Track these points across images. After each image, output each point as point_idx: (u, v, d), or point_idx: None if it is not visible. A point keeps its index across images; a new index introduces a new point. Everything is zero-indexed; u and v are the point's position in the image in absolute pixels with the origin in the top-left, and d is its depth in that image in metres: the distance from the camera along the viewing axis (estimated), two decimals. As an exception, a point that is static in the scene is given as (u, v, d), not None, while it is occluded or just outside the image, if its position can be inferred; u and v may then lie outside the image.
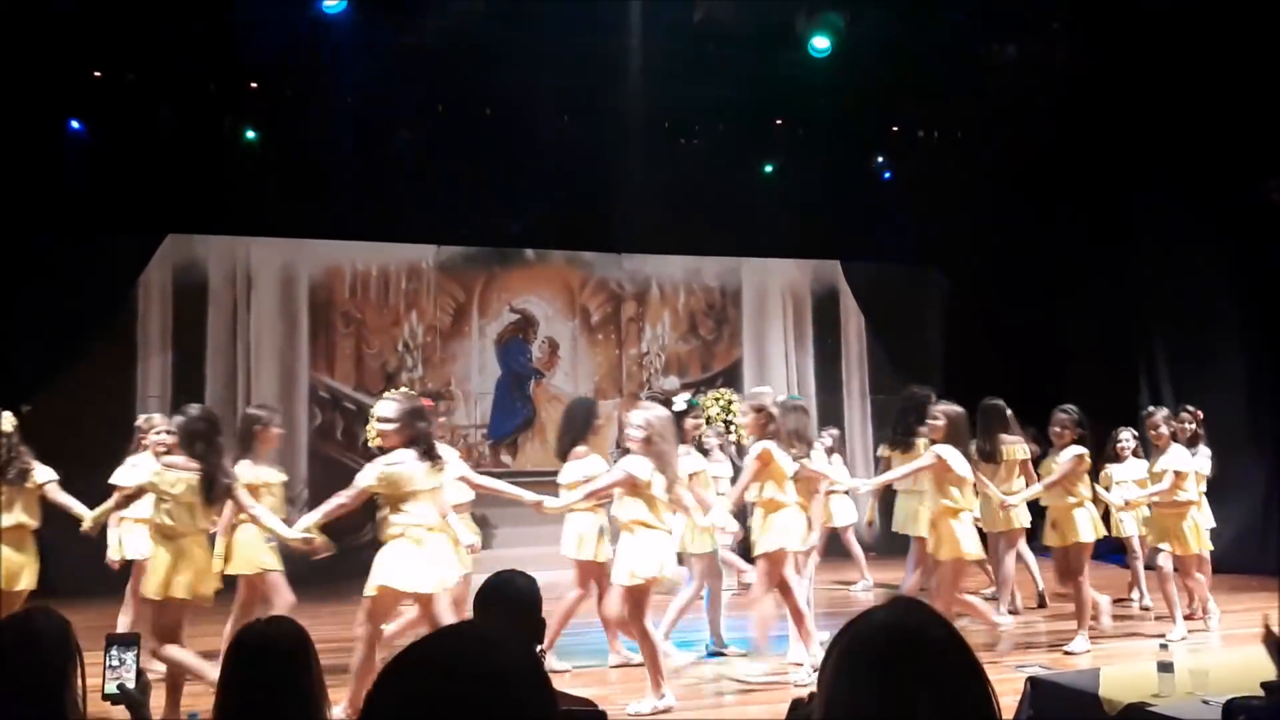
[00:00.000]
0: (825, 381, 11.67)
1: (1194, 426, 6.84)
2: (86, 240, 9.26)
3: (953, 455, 5.63)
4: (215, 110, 9.22)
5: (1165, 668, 3.45)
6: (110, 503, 5.29)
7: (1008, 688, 4.13)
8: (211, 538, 4.98)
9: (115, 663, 2.35)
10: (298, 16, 8.05)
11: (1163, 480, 6.31)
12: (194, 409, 4.88)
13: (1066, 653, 5.88)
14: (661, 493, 5.02)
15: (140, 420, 6.26)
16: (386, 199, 10.04)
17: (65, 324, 9.20)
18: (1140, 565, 7.32)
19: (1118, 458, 7.12)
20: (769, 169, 10.99)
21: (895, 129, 10.69)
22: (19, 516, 5.06)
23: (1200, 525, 6.40)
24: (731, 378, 11.28)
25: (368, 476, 4.65)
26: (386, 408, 4.88)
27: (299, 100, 9.28)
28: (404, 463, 4.63)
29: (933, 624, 1.22)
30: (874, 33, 8.76)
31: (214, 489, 4.64)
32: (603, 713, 1.65)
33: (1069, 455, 6.14)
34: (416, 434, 4.72)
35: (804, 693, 5.39)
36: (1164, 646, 3.59)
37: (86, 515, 5.18)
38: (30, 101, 8.47)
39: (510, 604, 2.49)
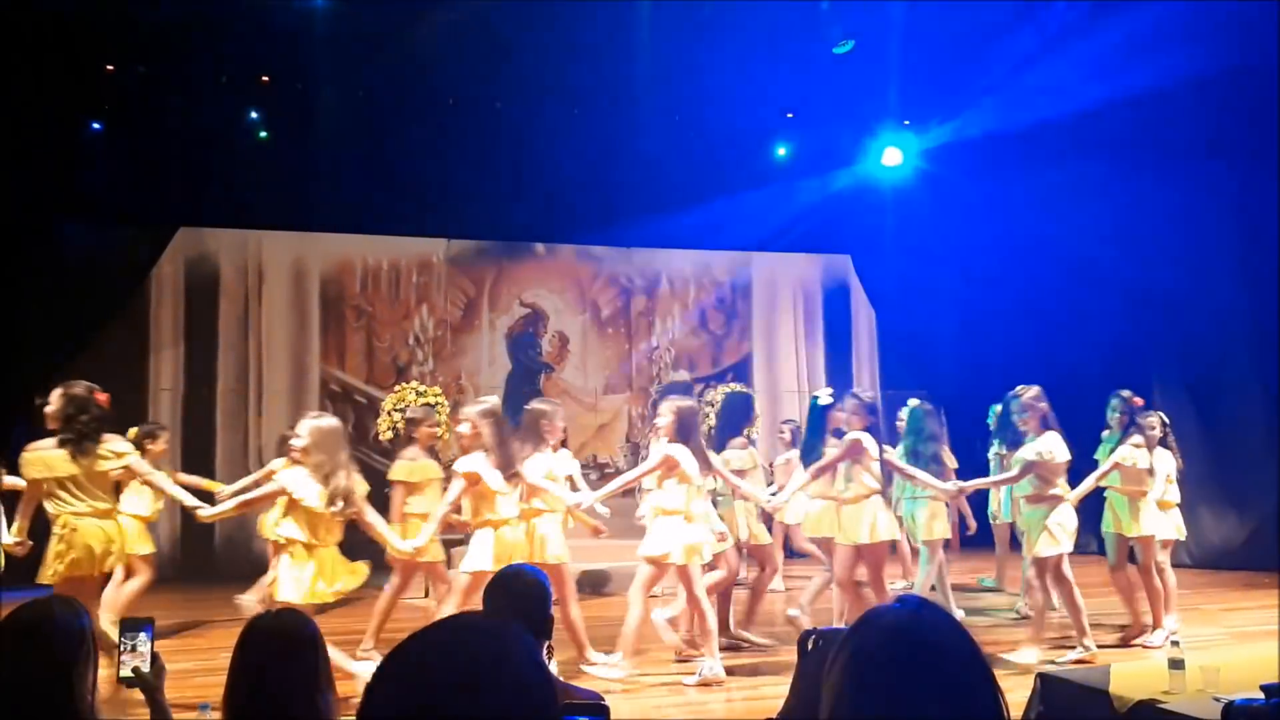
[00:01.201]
0: (835, 376, 11.63)
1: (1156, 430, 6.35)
2: (99, 233, 9.32)
3: (679, 452, 5.20)
4: (227, 103, 9.25)
5: (1176, 665, 3.43)
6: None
7: (1017, 683, 4.12)
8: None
9: (130, 646, 2.37)
10: (309, 10, 8.06)
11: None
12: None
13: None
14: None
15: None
16: (397, 193, 10.07)
17: (78, 316, 9.26)
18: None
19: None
20: (781, 163, 10.95)
21: (906, 122, 10.65)
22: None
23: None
24: (741, 373, 11.28)
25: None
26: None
27: (310, 94, 9.29)
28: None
29: (943, 624, 1.22)
30: (880, 27, 8.72)
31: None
32: (605, 705, 1.64)
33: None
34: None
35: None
36: (1175, 643, 3.56)
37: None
38: (43, 95, 8.52)
39: (517, 598, 2.50)
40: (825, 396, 5.93)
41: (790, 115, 10.39)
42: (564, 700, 1.71)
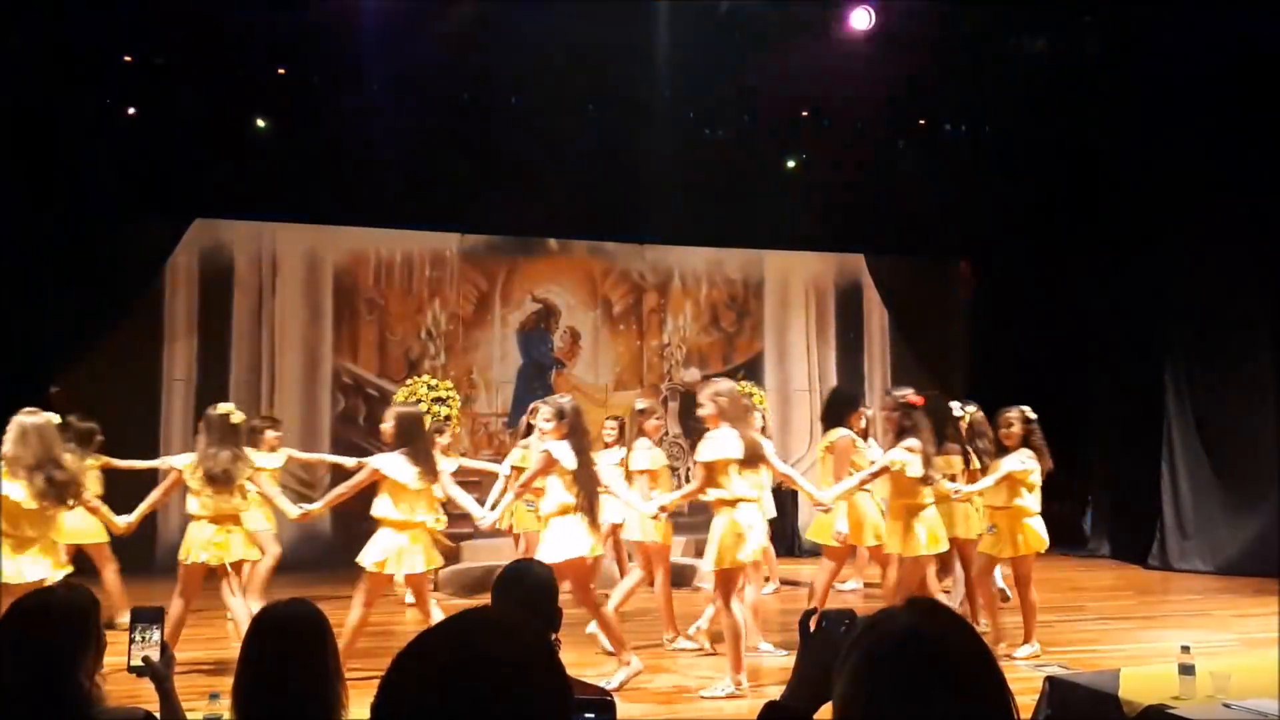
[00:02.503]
0: (847, 375, 11.62)
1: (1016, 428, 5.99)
2: (114, 223, 9.36)
3: (558, 449, 5.16)
4: (243, 95, 9.28)
5: (1186, 670, 3.41)
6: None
7: (1025, 687, 4.11)
8: None
9: (140, 637, 2.38)
10: (325, 2, 8.08)
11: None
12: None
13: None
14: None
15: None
16: (411, 186, 10.08)
17: (93, 306, 9.31)
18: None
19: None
20: (793, 161, 10.93)
21: (922, 121, 10.60)
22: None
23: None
24: (753, 370, 11.27)
25: None
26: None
27: (325, 87, 9.32)
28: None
29: (955, 629, 1.21)
30: (902, 25, 8.69)
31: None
32: (612, 701, 1.65)
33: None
34: None
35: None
36: (1185, 649, 3.55)
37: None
38: (61, 84, 8.56)
39: (526, 593, 2.51)
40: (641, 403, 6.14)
41: (805, 114, 10.35)
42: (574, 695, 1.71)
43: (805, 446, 10.81)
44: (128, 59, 8.72)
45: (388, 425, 5.30)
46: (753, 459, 5.15)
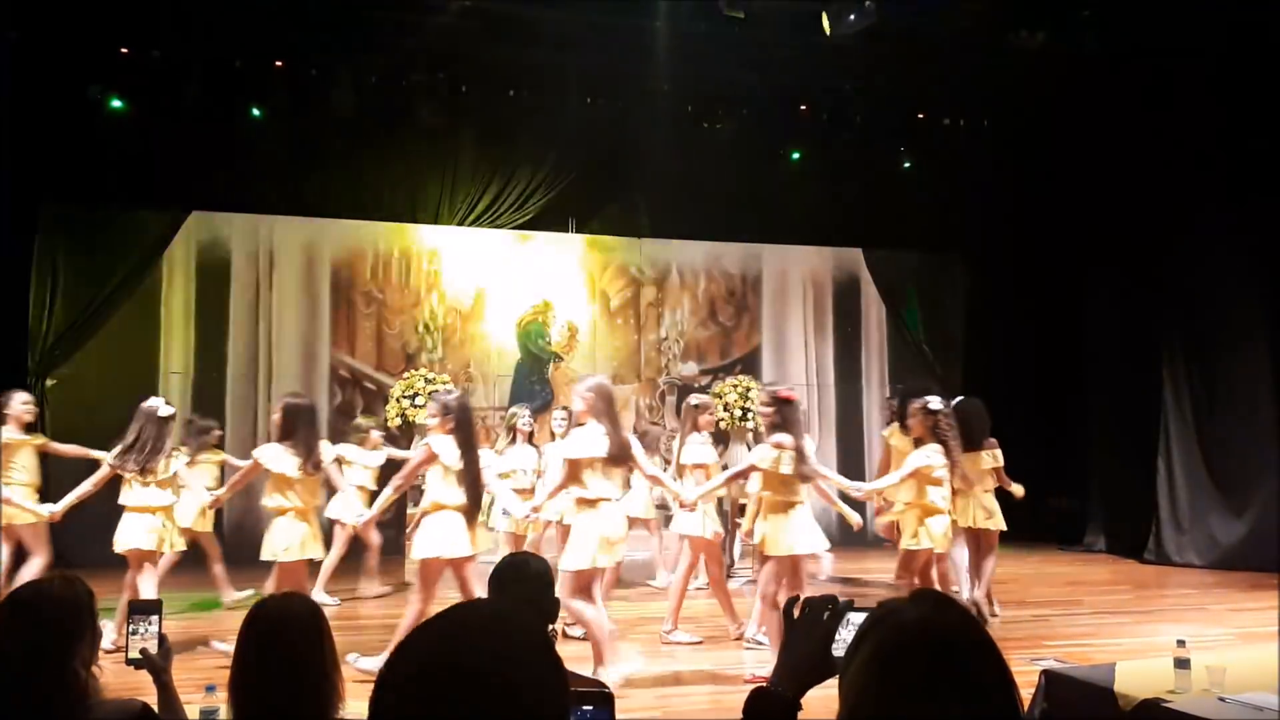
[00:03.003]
0: (844, 370, 11.62)
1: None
2: (111, 214, 9.34)
3: (439, 444, 5.12)
4: (240, 88, 9.25)
5: (1182, 664, 3.42)
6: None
7: (1021, 681, 4.11)
8: None
9: (138, 629, 2.38)
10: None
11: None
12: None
13: None
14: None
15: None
16: (409, 179, 10.06)
17: (90, 297, 9.30)
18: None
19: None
20: (793, 155, 10.92)
21: (920, 115, 10.59)
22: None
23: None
24: (751, 364, 11.26)
25: None
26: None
27: (323, 79, 9.29)
28: None
29: (963, 622, 1.22)
30: (899, 20, 8.67)
31: None
32: (610, 693, 1.65)
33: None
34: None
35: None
36: (1181, 643, 3.55)
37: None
38: (58, 76, 8.54)
39: (524, 585, 2.51)
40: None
41: (804, 108, 10.33)
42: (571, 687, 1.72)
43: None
44: (124, 50, 8.70)
45: (275, 416, 5.41)
46: (618, 458, 5.00)
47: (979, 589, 6.43)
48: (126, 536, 5.49)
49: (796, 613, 1.60)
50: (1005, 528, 6.46)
